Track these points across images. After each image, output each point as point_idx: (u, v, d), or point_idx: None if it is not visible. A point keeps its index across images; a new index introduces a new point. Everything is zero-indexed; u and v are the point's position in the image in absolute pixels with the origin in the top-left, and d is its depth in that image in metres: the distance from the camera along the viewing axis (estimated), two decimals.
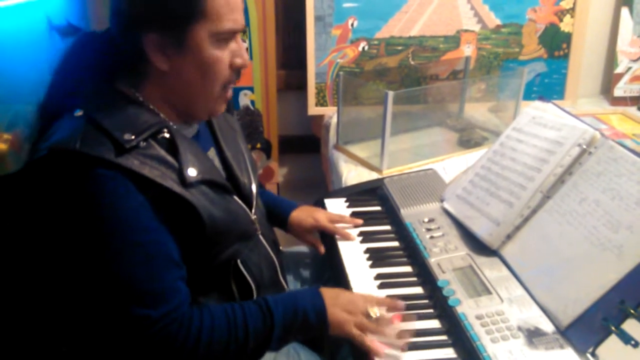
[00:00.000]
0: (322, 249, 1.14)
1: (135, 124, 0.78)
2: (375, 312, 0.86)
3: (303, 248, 1.28)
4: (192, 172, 0.80)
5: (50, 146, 0.73)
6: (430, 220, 1.12)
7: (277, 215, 1.17)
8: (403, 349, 0.82)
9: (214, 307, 0.83)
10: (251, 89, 1.98)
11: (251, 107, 2.00)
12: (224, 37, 0.80)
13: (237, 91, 1.98)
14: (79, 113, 0.77)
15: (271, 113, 2.02)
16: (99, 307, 0.77)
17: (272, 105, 2.01)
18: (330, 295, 0.87)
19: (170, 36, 0.78)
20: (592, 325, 0.79)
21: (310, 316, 0.84)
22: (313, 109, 1.93)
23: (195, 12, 0.77)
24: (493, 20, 1.89)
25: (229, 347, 0.80)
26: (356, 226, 1.16)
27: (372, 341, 0.83)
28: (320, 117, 1.93)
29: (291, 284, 1.16)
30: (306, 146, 2.07)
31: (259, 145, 2.03)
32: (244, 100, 1.99)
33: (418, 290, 0.98)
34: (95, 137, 0.74)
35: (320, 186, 1.97)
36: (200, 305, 0.86)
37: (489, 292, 0.91)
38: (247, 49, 1.93)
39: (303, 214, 1.16)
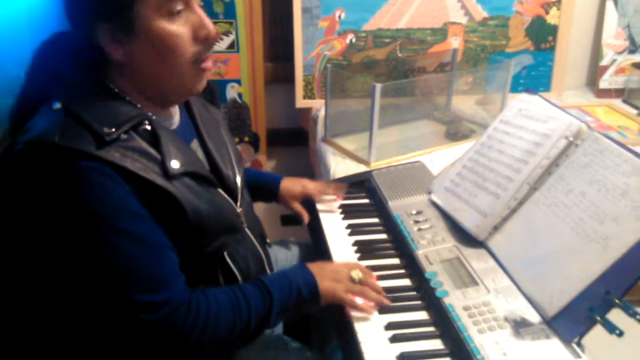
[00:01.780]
0: (307, 218, 1.18)
1: (115, 116, 0.77)
2: (357, 273, 0.93)
3: (291, 241, 1.28)
4: (174, 165, 0.79)
5: (28, 140, 0.72)
6: (418, 213, 1.12)
7: (266, 186, 1.20)
8: (387, 303, 0.90)
9: (216, 290, 0.83)
10: (238, 81, 1.97)
11: (238, 100, 1.98)
12: (174, 8, 0.76)
13: (224, 84, 1.96)
14: (57, 106, 0.76)
15: (259, 106, 2.01)
16: (98, 300, 0.76)
17: (259, 98, 2.00)
18: (316, 268, 0.91)
19: (117, 23, 0.75)
20: (577, 315, 0.80)
21: (304, 291, 0.87)
22: (301, 102, 1.92)
23: None
24: (480, 12, 1.89)
25: (235, 328, 0.80)
26: (343, 205, 1.22)
27: (361, 304, 0.89)
28: (308, 110, 1.92)
29: None
30: (294, 139, 2.06)
31: (246, 139, 2.02)
32: (231, 93, 1.98)
33: (406, 282, 0.98)
34: (74, 130, 0.73)
35: (309, 178, 1.96)
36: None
37: (476, 283, 0.92)
38: (234, 41, 1.91)
39: (291, 182, 1.21)
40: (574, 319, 0.80)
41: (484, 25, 1.91)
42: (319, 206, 1.21)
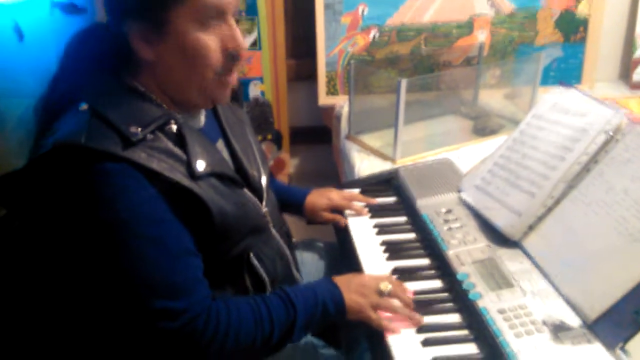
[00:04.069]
0: (343, 221, 1.14)
1: (142, 117, 0.75)
2: (386, 285, 0.88)
3: (317, 241, 1.25)
4: (200, 165, 0.77)
5: (55, 141, 0.71)
6: (448, 212, 1.09)
7: (291, 202, 1.16)
8: (420, 320, 0.85)
9: (239, 300, 0.82)
10: (261, 79, 1.96)
11: (261, 98, 1.97)
12: (210, 18, 0.75)
13: (246, 82, 1.95)
14: (84, 107, 0.75)
15: (281, 103, 2.00)
16: (117, 305, 0.75)
17: (282, 96, 1.98)
18: (343, 282, 0.88)
19: (151, 23, 0.74)
20: (621, 318, 0.76)
21: (329, 306, 0.84)
22: (324, 99, 1.90)
23: None
24: (507, 5, 1.84)
25: (256, 340, 0.78)
26: (369, 205, 1.18)
27: (388, 324, 0.85)
28: (331, 107, 1.90)
29: (305, 277, 1.14)
30: (317, 137, 2.04)
31: (269, 137, 2.01)
32: (254, 91, 1.96)
33: (437, 283, 0.95)
34: (101, 131, 0.72)
35: (332, 177, 1.94)
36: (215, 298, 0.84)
37: (511, 285, 0.88)
38: (256, 39, 1.90)
39: (316, 196, 1.17)
40: (618, 323, 0.76)
41: (511, 17, 1.85)
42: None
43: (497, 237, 0.99)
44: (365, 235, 1.09)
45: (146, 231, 0.72)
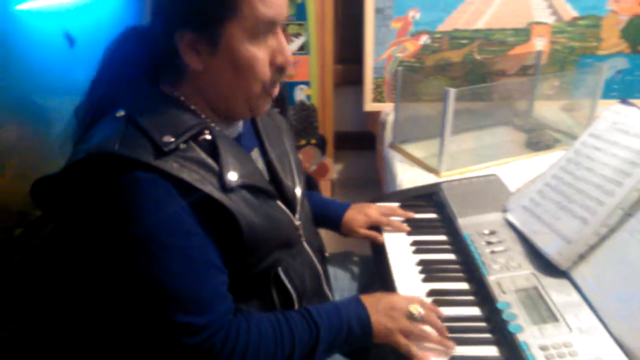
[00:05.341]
0: (380, 239, 1.09)
1: (176, 126, 0.74)
2: (417, 309, 0.83)
3: (352, 255, 1.22)
4: (232, 177, 0.76)
5: (89, 148, 0.71)
6: (491, 233, 1.03)
7: (329, 217, 1.13)
8: (452, 350, 0.80)
9: (261, 317, 0.80)
10: (307, 83, 1.93)
11: (306, 102, 1.95)
12: (262, 31, 0.74)
13: (292, 86, 1.94)
14: (120, 113, 0.75)
15: (327, 108, 1.97)
16: (141, 314, 0.75)
17: (328, 101, 1.96)
18: (371, 302, 0.84)
19: (204, 36, 0.73)
20: None
21: (355, 328, 0.81)
22: (369, 105, 1.86)
23: (228, 11, 0.72)
24: (569, 11, 1.73)
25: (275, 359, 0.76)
26: (409, 220, 1.13)
27: (417, 352, 0.80)
28: (376, 114, 1.86)
29: (337, 294, 1.11)
30: (362, 143, 2.00)
31: (313, 141, 1.99)
32: (300, 95, 1.95)
33: (474, 311, 0.89)
34: (134, 139, 0.71)
35: (375, 185, 1.90)
36: (238, 312, 0.82)
37: (556, 319, 0.81)
38: (304, 43, 1.88)
39: (355, 212, 1.13)
40: None
41: (573, 25, 1.75)
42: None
43: (544, 264, 0.92)
44: (401, 252, 1.05)
45: (172, 242, 0.71)
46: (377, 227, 1.12)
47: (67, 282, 0.83)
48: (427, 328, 0.83)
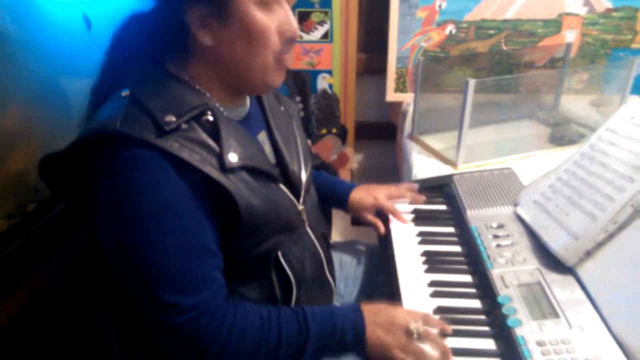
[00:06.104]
0: (382, 229, 1.08)
1: (179, 105, 0.75)
2: (418, 326, 0.79)
3: (359, 243, 1.22)
4: (232, 158, 0.76)
5: (92, 126, 0.73)
6: (500, 226, 1.01)
7: (336, 195, 1.14)
8: None
9: (251, 307, 0.80)
10: (330, 72, 1.93)
11: (329, 91, 1.95)
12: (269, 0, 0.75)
13: (315, 74, 1.94)
14: (125, 93, 0.76)
15: (349, 97, 1.96)
16: (131, 291, 0.76)
17: (350, 90, 1.95)
18: (371, 313, 0.81)
19: (212, 7, 0.74)
20: None
21: (348, 335, 0.79)
22: (392, 95, 1.84)
23: None
24: (602, 3, 1.67)
25: (260, 351, 0.76)
26: (416, 210, 1.11)
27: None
28: (398, 104, 1.84)
29: (340, 281, 1.11)
30: (383, 133, 1.99)
31: (334, 130, 1.98)
32: (322, 83, 1.95)
33: (475, 303, 0.88)
34: (137, 117, 0.72)
35: (394, 176, 1.89)
36: (238, 295, 0.83)
37: (557, 316, 0.80)
38: (328, 31, 1.87)
39: (362, 193, 1.13)
40: None
41: (606, 17, 1.68)
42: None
43: (550, 260, 0.90)
44: (406, 242, 1.04)
45: (166, 222, 0.71)
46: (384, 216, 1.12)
47: (75, 259, 0.85)
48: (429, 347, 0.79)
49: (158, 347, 0.79)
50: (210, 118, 0.78)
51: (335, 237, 1.08)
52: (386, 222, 1.10)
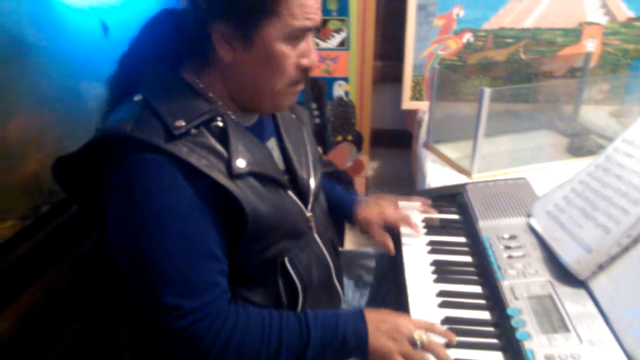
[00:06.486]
0: (392, 249, 1.06)
1: (189, 111, 0.76)
2: (421, 335, 0.78)
3: (369, 249, 1.21)
4: (240, 164, 0.77)
5: (104, 128, 0.74)
6: (512, 237, 0.99)
7: (343, 208, 1.12)
8: None
9: (252, 312, 0.80)
10: (346, 79, 1.93)
11: (344, 98, 1.95)
12: (295, 36, 0.77)
13: (331, 81, 1.94)
14: (138, 97, 0.77)
15: (365, 105, 1.96)
16: (136, 292, 0.77)
17: (366, 97, 1.95)
18: (374, 318, 0.81)
19: (239, 30, 0.75)
20: None
21: (350, 339, 0.78)
22: (407, 103, 1.83)
23: (267, 10, 0.73)
24: (624, 12, 1.64)
25: (260, 355, 0.76)
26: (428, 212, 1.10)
27: None
28: (414, 112, 1.83)
29: (348, 289, 1.10)
30: (399, 141, 1.98)
31: (350, 137, 1.98)
32: (338, 90, 1.95)
33: (484, 315, 0.87)
34: (147, 122, 0.74)
35: (409, 184, 1.88)
36: (244, 299, 0.83)
37: (567, 330, 0.78)
38: (344, 39, 1.88)
39: (370, 208, 1.11)
40: None
41: (628, 26, 1.66)
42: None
43: (562, 273, 0.88)
44: (416, 251, 1.03)
45: (171, 226, 0.72)
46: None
47: (87, 261, 0.86)
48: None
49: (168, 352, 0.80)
50: (220, 124, 0.79)
51: (348, 245, 1.06)
52: (397, 240, 1.06)
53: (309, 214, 0.90)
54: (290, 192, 0.87)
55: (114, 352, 1.20)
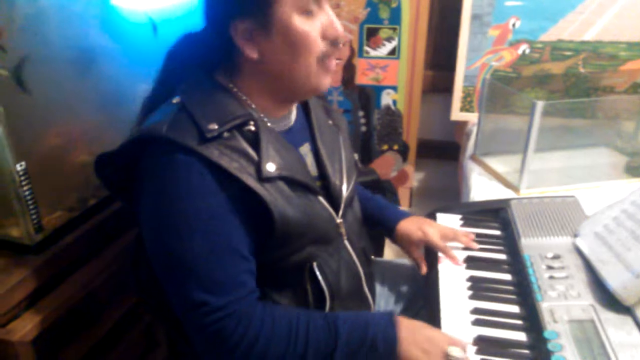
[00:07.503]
0: (424, 269, 1.03)
1: (223, 114, 0.78)
2: (457, 352, 0.75)
3: (406, 261, 1.18)
4: (270, 167, 0.77)
5: (142, 129, 0.77)
6: (555, 257, 0.94)
7: (384, 222, 1.10)
8: None
9: (281, 313, 0.80)
10: (395, 88, 1.92)
11: (392, 107, 1.93)
12: (308, 6, 0.77)
13: (380, 89, 1.93)
14: (176, 100, 0.80)
15: (413, 115, 1.94)
16: (166, 287, 0.79)
17: (414, 107, 1.92)
18: (407, 327, 0.79)
19: (256, 21, 0.76)
20: None
21: (379, 346, 0.77)
22: (457, 114, 1.79)
23: None
24: None
25: (285, 356, 0.76)
26: (470, 249, 1.04)
27: None
28: (464, 123, 1.79)
29: (381, 299, 1.08)
30: (446, 153, 1.94)
31: (396, 147, 1.96)
32: (386, 99, 1.94)
33: (520, 336, 0.83)
34: (183, 124, 0.76)
35: (455, 197, 1.83)
36: (272, 301, 0.84)
37: (608, 358, 0.73)
38: (395, 47, 1.86)
39: (412, 225, 1.06)
40: None
41: None
42: None
43: (606, 298, 0.83)
44: (453, 265, 1.00)
45: (198, 226, 0.74)
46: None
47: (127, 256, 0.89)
48: None
49: None
50: (252, 128, 0.80)
51: (388, 254, 1.04)
52: (435, 260, 1.03)
53: (339, 221, 0.90)
54: (320, 198, 0.86)
55: (150, 347, 1.23)
